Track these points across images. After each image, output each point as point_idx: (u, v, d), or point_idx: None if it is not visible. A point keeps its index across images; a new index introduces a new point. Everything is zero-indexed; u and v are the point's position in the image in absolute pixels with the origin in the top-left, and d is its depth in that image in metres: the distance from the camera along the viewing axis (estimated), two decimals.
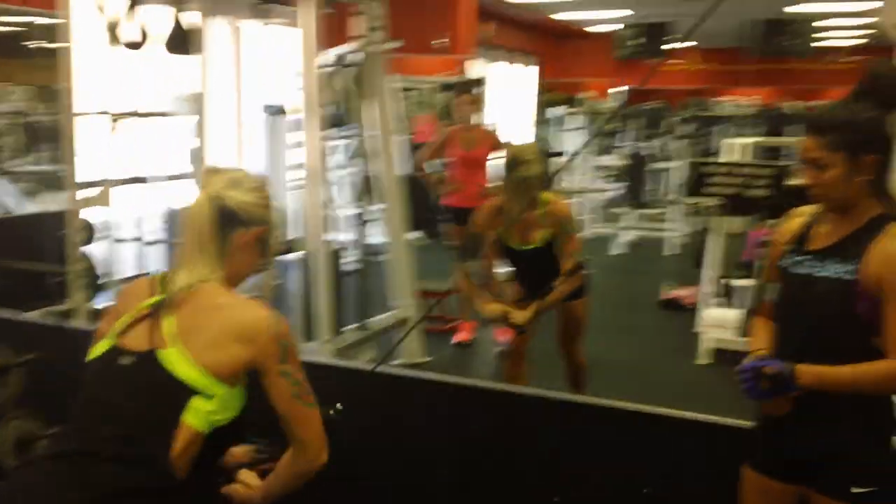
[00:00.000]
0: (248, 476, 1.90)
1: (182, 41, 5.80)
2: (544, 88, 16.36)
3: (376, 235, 6.33)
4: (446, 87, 11.00)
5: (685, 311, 6.50)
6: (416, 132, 9.01)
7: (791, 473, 2.10)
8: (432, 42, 10.62)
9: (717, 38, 16.10)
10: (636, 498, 2.61)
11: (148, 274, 1.86)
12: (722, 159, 6.39)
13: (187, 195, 7.43)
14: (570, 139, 11.96)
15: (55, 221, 6.13)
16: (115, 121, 6.00)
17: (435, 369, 5.11)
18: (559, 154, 10.21)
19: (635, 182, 9.70)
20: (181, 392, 1.64)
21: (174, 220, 7.32)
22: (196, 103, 6.93)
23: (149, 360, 1.66)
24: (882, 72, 2.66)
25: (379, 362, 2.91)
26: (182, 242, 1.78)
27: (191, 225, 1.75)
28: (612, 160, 10.50)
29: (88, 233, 5.75)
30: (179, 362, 1.65)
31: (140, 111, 5.82)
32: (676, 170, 9.54)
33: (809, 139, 2.00)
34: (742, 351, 5.13)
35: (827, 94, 17.12)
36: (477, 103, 5.57)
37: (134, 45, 5.03)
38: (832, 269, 1.98)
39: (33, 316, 4.01)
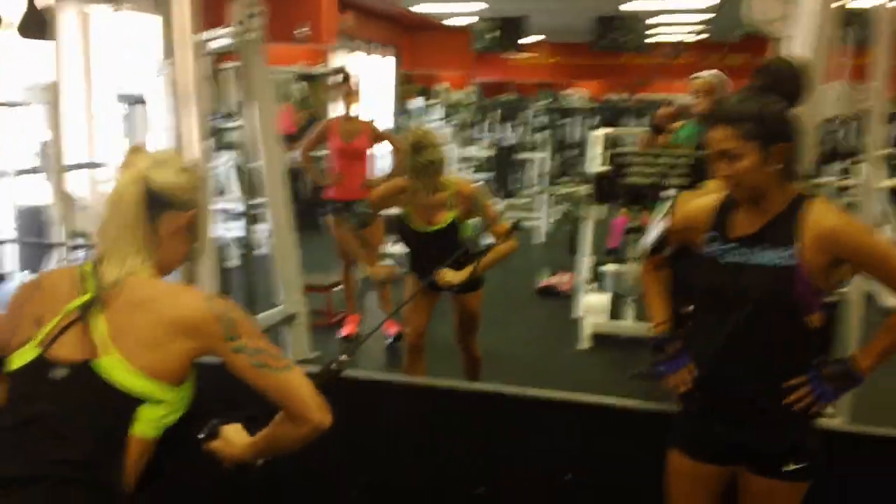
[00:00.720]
0: (232, 432, 1.73)
1: (37, 25, 5.42)
2: (402, 80, 16.40)
3: (258, 231, 6.18)
4: (304, 78, 10.82)
5: (561, 298, 6.70)
6: None
7: (721, 455, 2.16)
8: (294, 31, 10.43)
9: (565, 34, 16.73)
10: (558, 484, 2.66)
11: (62, 266, 1.67)
12: (592, 149, 6.61)
13: (38, 191, 7.01)
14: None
15: None
16: None
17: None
18: None
19: (500, 172, 9.88)
20: (126, 404, 1.49)
21: (26, 218, 6.85)
22: (48, 93, 6.51)
23: (85, 372, 1.49)
24: (782, 67, 2.82)
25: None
26: (104, 230, 1.60)
27: (115, 210, 1.58)
28: (476, 151, 10.64)
29: None
30: (119, 370, 1.49)
31: None
32: (540, 160, 9.80)
33: (721, 130, 2.05)
34: (617, 334, 5.52)
35: (655, 87, 18.22)
36: (356, 93, 5.48)
37: None
38: (766, 257, 2.05)
39: None
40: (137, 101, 8.10)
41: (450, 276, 3.69)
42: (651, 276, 2.43)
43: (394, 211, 4.04)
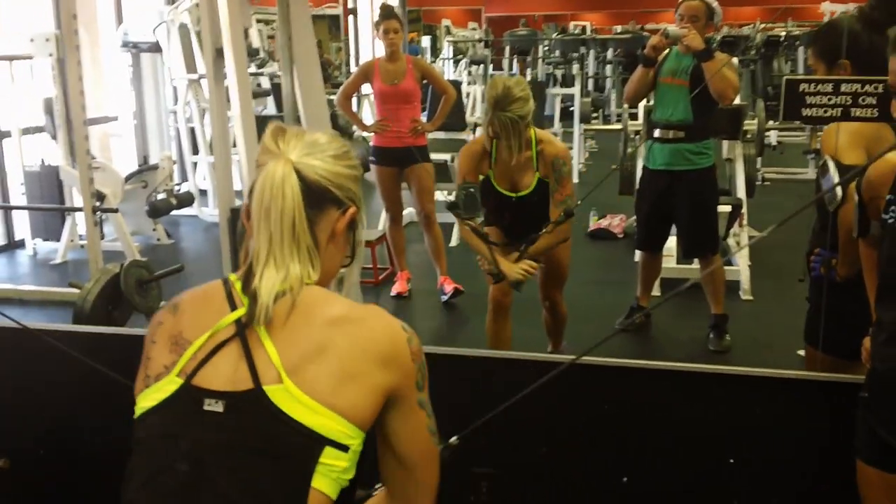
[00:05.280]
0: None
1: None
2: (409, 18, 15.80)
3: None
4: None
5: (616, 241, 6.31)
6: None
7: None
8: None
9: None
10: (721, 469, 2.29)
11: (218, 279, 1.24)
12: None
13: (45, 152, 6.55)
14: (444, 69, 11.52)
15: None
16: None
17: None
18: None
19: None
20: (310, 444, 1.11)
21: (35, 181, 6.40)
22: (51, 43, 6.02)
23: (254, 403, 1.12)
24: None
25: None
26: (258, 232, 1.22)
27: (271, 208, 1.20)
28: None
29: None
30: (297, 404, 1.12)
31: None
32: (576, 96, 9.31)
33: None
34: (687, 279, 5.14)
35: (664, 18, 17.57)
36: (399, 31, 4.98)
37: None
38: None
39: None
40: (152, 48, 7.56)
41: (504, 267, 3.28)
42: (868, 262, 2.03)
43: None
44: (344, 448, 1.13)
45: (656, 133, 4.19)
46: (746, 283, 5.07)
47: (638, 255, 4.90)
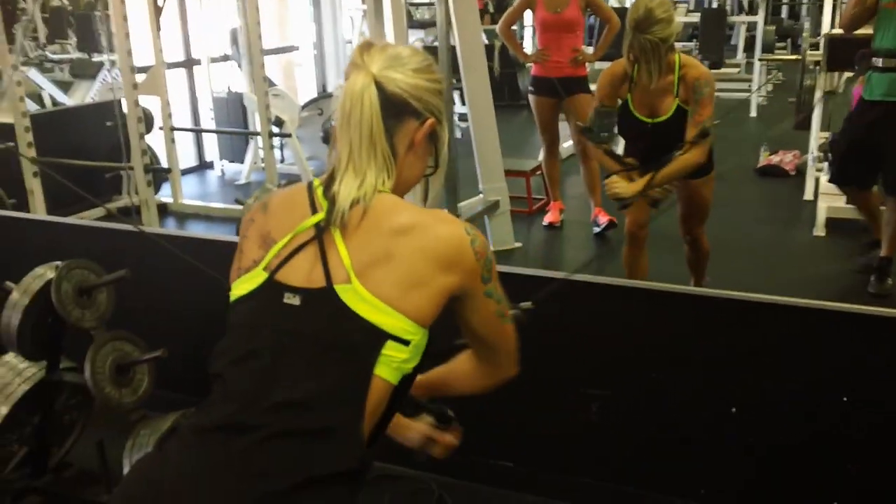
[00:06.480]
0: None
1: None
2: None
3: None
4: None
5: (786, 178, 6.04)
6: None
7: None
8: None
9: None
10: (833, 408, 2.25)
11: (302, 182, 1.40)
12: None
13: (232, 79, 7.03)
14: None
15: (100, 113, 5.75)
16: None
17: (530, 256, 4.79)
18: None
19: (707, 39, 8.94)
20: (374, 337, 1.24)
21: (223, 107, 6.90)
22: None
23: (325, 299, 1.25)
24: None
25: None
26: (340, 140, 1.33)
27: (349, 120, 1.31)
28: (677, 18, 9.72)
29: (147, 123, 5.35)
30: (363, 302, 1.25)
31: None
32: (759, 23, 8.80)
33: None
34: (857, 219, 4.86)
35: None
36: None
37: None
38: None
39: (106, 222, 3.65)
40: None
41: (620, 186, 3.22)
42: None
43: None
44: (405, 342, 1.26)
45: (879, 62, 3.95)
46: None
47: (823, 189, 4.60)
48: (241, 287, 1.34)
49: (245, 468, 1.18)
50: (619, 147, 3.61)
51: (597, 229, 5.05)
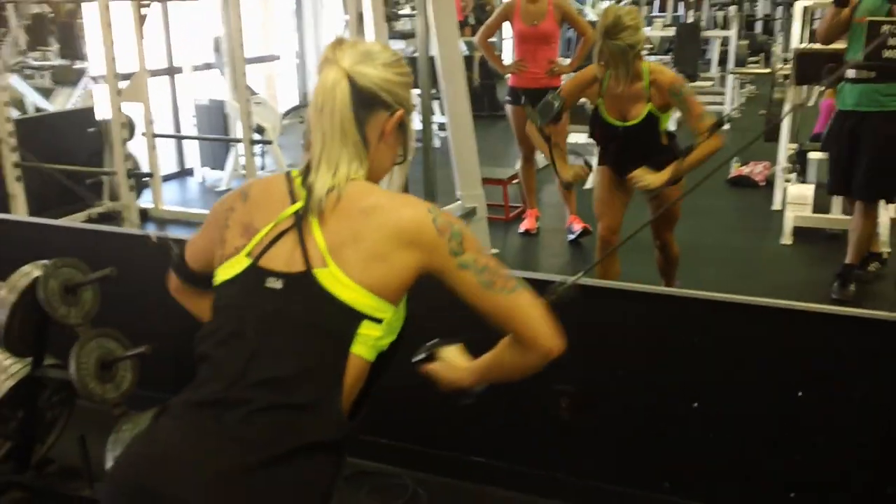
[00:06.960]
0: (453, 354, 1.59)
1: None
2: None
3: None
4: None
5: (756, 189, 6.19)
6: None
7: None
8: None
9: None
10: (789, 403, 2.36)
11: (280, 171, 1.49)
12: None
13: (214, 87, 7.10)
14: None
15: (82, 119, 5.80)
16: (142, 7, 5.59)
17: (506, 262, 4.86)
18: None
19: (681, 53, 9.12)
20: (350, 318, 1.34)
21: (204, 114, 6.96)
22: None
23: (304, 283, 1.35)
24: None
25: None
26: (313, 132, 1.42)
27: (324, 110, 1.40)
28: (650, 31, 9.90)
29: (130, 129, 5.41)
30: (337, 284, 1.34)
31: None
32: (732, 38, 8.98)
33: None
34: (823, 229, 5.01)
35: None
36: None
37: None
38: None
39: (92, 224, 3.71)
40: None
41: (649, 178, 3.35)
42: None
43: (581, 99, 3.70)
44: (378, 321, 1.35)
45: (850, 74, 4.10)
46: (885, 234, 4.89)
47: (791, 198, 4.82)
48: (225, 272, 1.42)
49: (236, 438, 1.27)
50: (594, 154, 3.75)
51: (571, 236, 5.16)
